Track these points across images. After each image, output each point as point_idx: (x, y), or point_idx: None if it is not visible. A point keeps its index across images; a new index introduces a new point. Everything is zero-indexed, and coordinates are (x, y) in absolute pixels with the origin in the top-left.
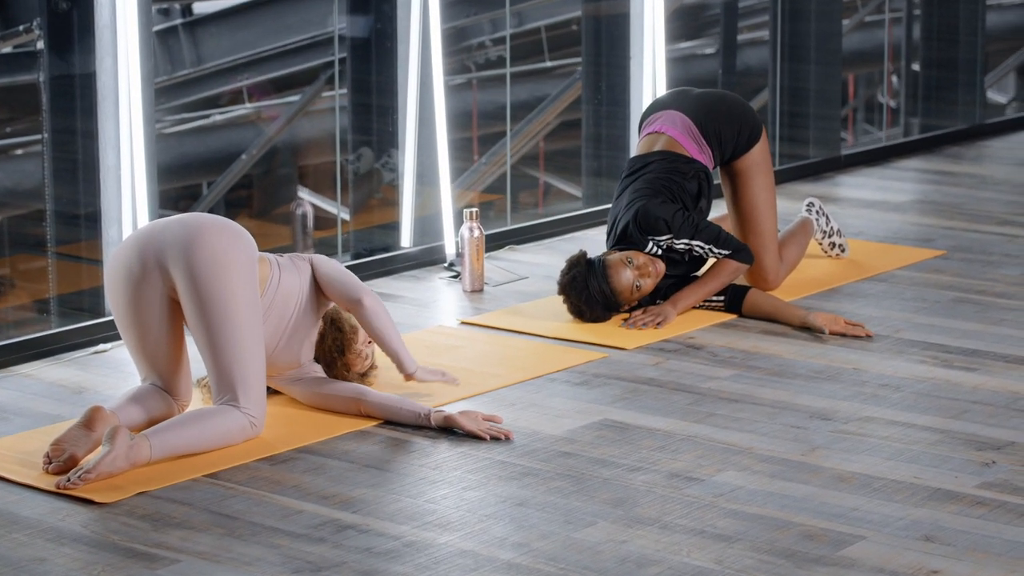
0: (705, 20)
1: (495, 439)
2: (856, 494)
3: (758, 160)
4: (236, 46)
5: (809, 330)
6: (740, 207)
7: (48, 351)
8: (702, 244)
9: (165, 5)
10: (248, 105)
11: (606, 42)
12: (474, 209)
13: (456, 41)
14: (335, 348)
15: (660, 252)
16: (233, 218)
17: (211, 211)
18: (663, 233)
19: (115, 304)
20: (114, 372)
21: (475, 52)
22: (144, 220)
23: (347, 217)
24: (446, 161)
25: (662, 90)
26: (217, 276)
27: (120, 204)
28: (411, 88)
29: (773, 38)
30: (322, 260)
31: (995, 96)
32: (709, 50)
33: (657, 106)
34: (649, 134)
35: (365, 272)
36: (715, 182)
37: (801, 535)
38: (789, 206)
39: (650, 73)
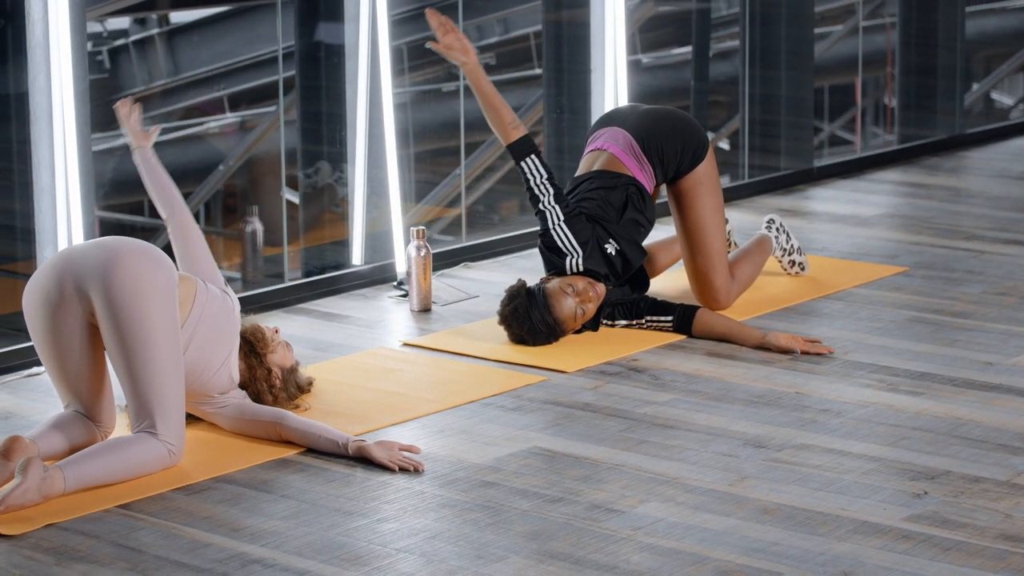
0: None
1: (404, 471)
2: (779, 527)
3: (703, 179)
4: (214, 56)
5: (768, 350)
6: (686, 227)
7: None
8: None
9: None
10: (231, 114)
11: (567, 52)
12: (421, 227)
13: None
14: (252, 355)
15: (582, 270)
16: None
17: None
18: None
19: (34, 330)
20: (45, 396)
21: None
22: (80, 241)
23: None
24: (395, 176)
25: (624, 100)
26: (135, 301)
27: (55, 225)
28: (360, 101)
29: (743, 45)
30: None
31: (1001, 99)
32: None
33: (603, 121)
34: (592, 151)
35: (314, 291)
36: (660, 200)
37: (716, 571)
38: (757, 220)
39: (612, 84)
